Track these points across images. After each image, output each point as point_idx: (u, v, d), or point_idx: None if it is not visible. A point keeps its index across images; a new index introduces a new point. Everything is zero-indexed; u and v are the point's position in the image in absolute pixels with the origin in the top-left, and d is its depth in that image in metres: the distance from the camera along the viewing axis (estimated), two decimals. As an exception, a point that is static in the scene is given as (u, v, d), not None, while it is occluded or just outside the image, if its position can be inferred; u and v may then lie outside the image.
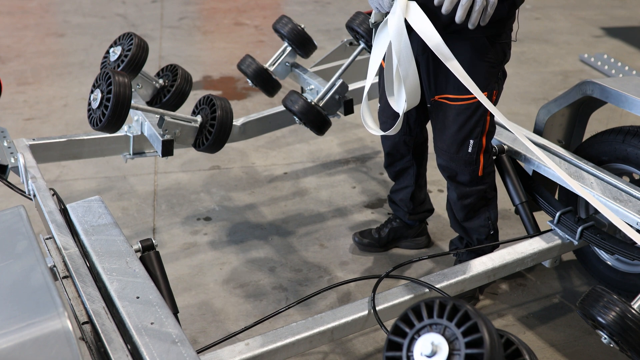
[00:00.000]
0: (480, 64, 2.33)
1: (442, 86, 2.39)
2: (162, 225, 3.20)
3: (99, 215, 2.10)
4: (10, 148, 2.58)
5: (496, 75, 2.40)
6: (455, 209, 2.64)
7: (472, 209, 2.60)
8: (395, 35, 2.16)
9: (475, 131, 2.42)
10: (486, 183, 2.56)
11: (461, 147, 2.45)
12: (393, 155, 2.81)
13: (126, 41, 2.64)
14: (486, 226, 2.62)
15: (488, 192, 2.59)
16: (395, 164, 2.84)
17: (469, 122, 2.41)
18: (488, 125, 2.46)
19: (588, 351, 2.48)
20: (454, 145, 2.46)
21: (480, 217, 2.62)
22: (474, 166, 2.49)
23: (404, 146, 2.76)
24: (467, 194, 2.56)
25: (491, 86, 2.39)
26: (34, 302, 1.52)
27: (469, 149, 2.45)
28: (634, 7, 6.62)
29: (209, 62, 5.18)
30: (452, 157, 2.49)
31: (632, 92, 2.48)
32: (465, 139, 2.43)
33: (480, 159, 2.49)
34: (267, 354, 1.92)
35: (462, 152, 2.46)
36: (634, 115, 2.61)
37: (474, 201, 2.58)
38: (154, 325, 1.67)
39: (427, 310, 1.36)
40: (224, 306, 2.70)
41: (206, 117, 2.48)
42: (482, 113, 2.40)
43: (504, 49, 2.37)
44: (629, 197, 2.33)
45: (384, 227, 3.00)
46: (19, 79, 4.79)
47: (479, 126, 2.42)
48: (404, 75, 2.22)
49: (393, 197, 2.95)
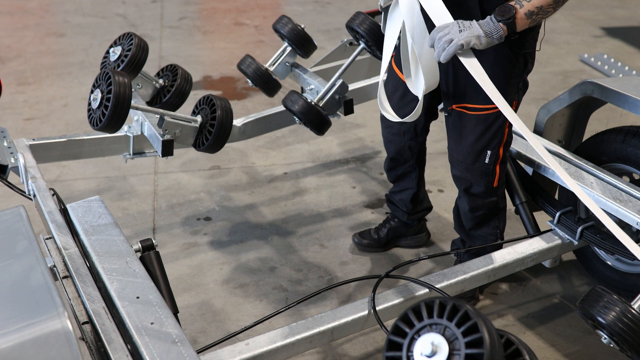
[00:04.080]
0: (502, 73, 2.25)
1: (461, 95, 2.33)
2: (162, 225, 3.20)
3: (99, 215, 2.10)
4: (10, 148, 2.57)
5: (517, 86, 2.33)
6: (466, 219, 2.62)
7: (484, 219, 2.58)
8: (408, 12, 2.07)
9: (493, 142, 2.37)
10: (499, 194, 2.54)
11: (478, 158, 2.40)
12: (397, 160, 2.79)
13: (126, 41, 2.64)
14: (494, 234, 2.60)
15: (499, 203, 2.56)
16: (398, 169, 2.82)
17: (488, 133, 2.35)
18: (506, 136, 2.40)
19: (588, 351, 2.48)
20: (470, 156, 2.41)
21: (489, 225, 2.60)
22: (490, 177, 2.45)
23: (408, 151, 2.73)
24: (480, 206, 2.54)
25: (511, 96, 2.33)
26: (34, 302, 1.52)
27: (486, 160, 2.40)
28: (634, 7, 6.62)
29: (209, 62, 5.18)
30: (468, 168, 2.45)
31: (632, 92, 2.48)
32: (483, 150, 2.38)
33: (496, 169, 2.44)
34: (267, 354, 1.92)
35: (478, 162, 2.41)
36: (634, 115, 2.61)
37: (486, 212, 2.56)
38: (154, 325, 1.67)
39: (427, 310, 1.36)
40: (224, 306, 2.70)
41: (206, 117, 2.48)
42: (501, 123, 2.34)
43: (526, 58, 2.30)
44: (629, 197, 2.33)
45: (383, 227, 3.00)
46: (19, 79, 4.79)
47: (497, 137, 2.36)
48: (418, 53, 2.13)
49: (392, 197, 2.94)
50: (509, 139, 2.43)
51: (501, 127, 2.36)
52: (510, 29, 2.03)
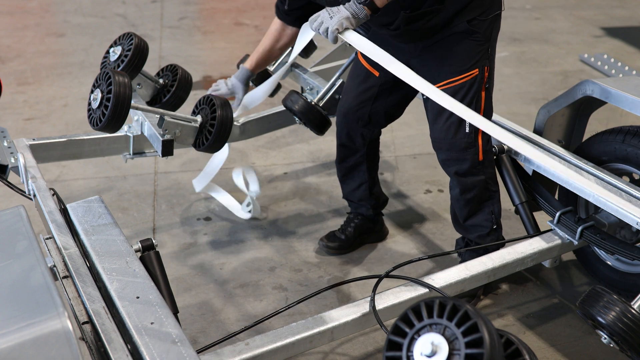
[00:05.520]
0: (467, 42, 2.39)
1: (434, 77, 2.42)
2: (162, 225, 3.20)
3: (99, 215, 2.10)
4: (11, 148, 2.58)
5: (486, 51, 2.43)
6: (459, 206, 2.63)
7: (477, 203, 2.59)
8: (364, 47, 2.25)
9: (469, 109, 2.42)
10: (487, 172, 2.56)
11: (458, 129, 2.45)
12: (347, 148, 2.82)
13: (126, 41, 2.64)
14: (489, 220, 2.61)
15: (490, 184, 2.58)
16: (348, 160, 2.84)
17: (465, 100, 2.42)
18: (484, 104, 2.47)
19: (588, 351, 2.48)
20: (451, 129, 2.46)
21: (484, 211, 2.61)
22: (473, 149, 2.48)
23: (360, 139, 2.76)
24: (470, 186, 2.55)
25: (482, 62, 2.43)
26: (34, 302, 1.53)
27: (467, 129, 2.45)
28: (634, 7, 6.62)
29: (209, 62, 5.18)
30: (451, 144, 2.48)
31: (632, 92, 2.48)
32: (461, 119, 2.42)
33: (478, 140, 2.48)
34: (267, 353, 1.92)
35: (459, 134, 2.46)
36: (634, 115, 2.60)
37: (478, 193, 2.57)
38: (154, 325, 1.67)
39: (427, 310, 1.36)
40: (224, 306, 2.70)
41: (206, 117, 2.48)
42: (476, 90, 2.43)
43: (490, 24, 2.41)
44: (629, 197, 2.33)
45: (348, 227, 2.97)
46: (19, 79, 4.79)
47: (472, 103, 2.43)
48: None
49: (351, 197, 2.96)
50: (487, 109, 2.50)
51: (476, 93, 2.44)
52: (371, 8, 2.21)
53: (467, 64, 2.42)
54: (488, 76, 2.47)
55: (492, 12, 2.42)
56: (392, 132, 3.98)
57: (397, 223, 3.21)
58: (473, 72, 2.42)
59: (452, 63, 2.43)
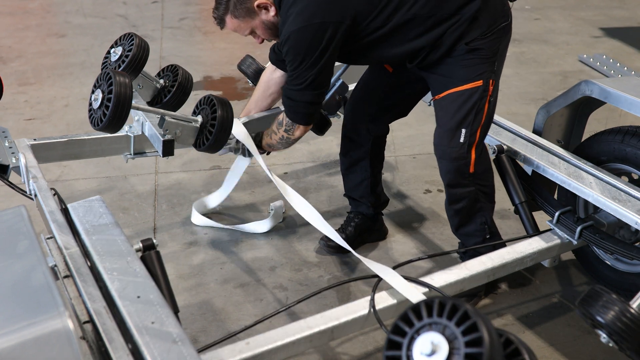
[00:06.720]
0: (470, 59, 2.40)
1: (439, 89, 2.45)
2: (162, 225, 3.20)
3: (99, 215, 2.10)
4: (12, 148, 2.58)
5: (492, 65, 2.44)
6: (449, 215, 2.62)
7: (466, 214, 2.57)
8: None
9: (468, 118, 2.41)
10: (477, 184, 2.53)
11: (453, 137, 2.43)
12: (352, 141, 2.81)
13: (127, 41, 2.65)
14: (482, 230, 2.59)
15: (481, 197, 2.55)
16: (351, 153, 2.83)
17: (463, 108, 2.41)
18: (485, 117, 2.45)
19: (587, 350, 2.49)
20: (446, 135, 2.45)
21: (475, 222, 2.59)
22: (463, 161, 2.46)
23: (365, 133, 2.76)
24: (458, 197, 2.53)
25: (487, 75, 2.43)
26: (35, 301, 1.53)
27: (461, 139, 2.43)
28: (633, 7, 6.62)
29: (209, 62, 5.18)
30: (444, 152, 2.47)
31: (631, 92, 2.49)
32: (457, 127, 2.42)
33: (472, 153, 2.46)
34: (267, 353, 1.92)
35: (453, 142, 2.44)
36: (633, 115, 2.61)
37: (467, 205, 2.54)
38: (154, 325, 1.68)
39: (427, 310, 1.37)
40: (224, 306, 2.70)
41: (206, 117, 2.48)
42: (478, 100, 2.41)
43: (496, 38, 2.42)
44: (628, 197, 2.34)
45: (348, 226, 2.96)
46: (20, 79, 4.80)
47: (472, 114, 2.41)
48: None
49: (352, 194, 2.95)
50: (487, 121, 2.48)
51: (478, 104, 2.42)
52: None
53: (471, 76, 2.42)
54: (493, 89, 2.46)
55: (495, 27, 2.42)
56: (392, 132, 3.94)
57: (397, 223, 3.22)
58: (476, 83, 2.42)
59: (456, 77, 2.44)
